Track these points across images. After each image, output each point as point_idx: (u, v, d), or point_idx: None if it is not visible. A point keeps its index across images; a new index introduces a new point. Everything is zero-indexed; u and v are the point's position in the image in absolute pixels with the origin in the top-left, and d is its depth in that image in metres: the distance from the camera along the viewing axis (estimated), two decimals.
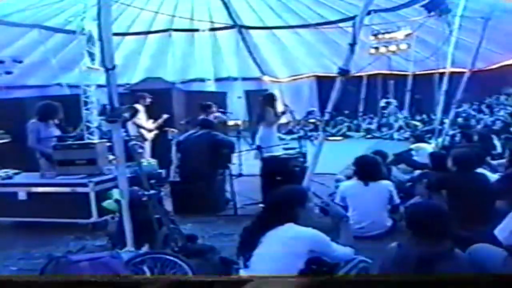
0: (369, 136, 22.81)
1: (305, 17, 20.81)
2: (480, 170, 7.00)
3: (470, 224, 5.85)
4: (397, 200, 7.10)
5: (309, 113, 23.59)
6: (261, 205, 9.58)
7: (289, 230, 4.44)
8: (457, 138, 12.48)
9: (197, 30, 22.23)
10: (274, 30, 22.45)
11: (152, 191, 5.83)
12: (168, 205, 8.53)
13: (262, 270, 4.31)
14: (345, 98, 16.85)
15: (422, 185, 7.56)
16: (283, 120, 13.19)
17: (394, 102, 23.93)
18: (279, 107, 11.82)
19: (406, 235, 4.24)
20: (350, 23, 14.32)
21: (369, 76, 24.77)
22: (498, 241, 4.42)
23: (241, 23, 22.13)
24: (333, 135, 21.56)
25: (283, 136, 12.78)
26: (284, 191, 4.95)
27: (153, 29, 21.97)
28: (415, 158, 10.10)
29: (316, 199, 5.38)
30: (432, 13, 15.17)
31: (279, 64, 25.25)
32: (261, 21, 21.70)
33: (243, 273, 4.49)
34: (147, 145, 11.86)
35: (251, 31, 22.51)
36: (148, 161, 9.57)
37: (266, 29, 22.26)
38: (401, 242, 4.27)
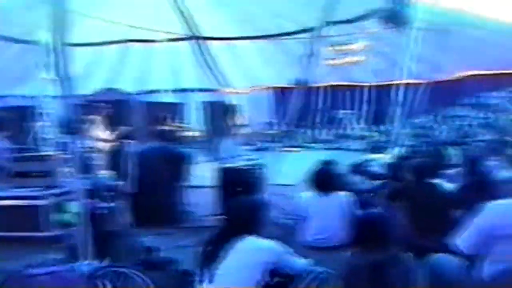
0: (326, 147, 22.91)
1: (264, 28, 20.89)
2: (437, 180, 7.11)
3: (428, 234, 5.94)
4: (356, 210, 7.13)
5: (267, 124, 23.71)
6: (220, 216, 9.61)
7: (248, 242, 4.47)
8: (414, 149, 12.62)
9: (154, 41, 22.15)
10: (233, 41, 22.46)
11: (110, 204, 5.81)
12: (127, 217, 8.48)
13: (225, 284, 4.33)
14: (303, 109, 16.91)
15: (381, 195, 7.65)
16: (242, 131, 13.23)
17: (351, 113, 24.15)
18: (238, 119, 11.86)
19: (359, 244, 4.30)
20: (308, 34, 14.42)
21: (327, 87, 24.93)
22: (457, 251, 4.49)
23: (199, 34, 22.09)
24: (291, 146, 21.58)
25: (242, 147, 12.78)
26: (244, 202, 4.98)
27: (111, 39, 21.80)
28: (372, 168, 10.19)
29: (276, 210, 5.41)
30: (390, 25, 15.34)
31: (238, 75, 25.22)
32: (219, 31, 21.70)
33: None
34: (104, 157, 11.78)
35: (209, 42, 22.48)
36: (105, 173, 9.51)
37: (224, 40, 22.27)
38: (353, 251, 4.33)
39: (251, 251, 4.43)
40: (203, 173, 11.00)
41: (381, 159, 10.86)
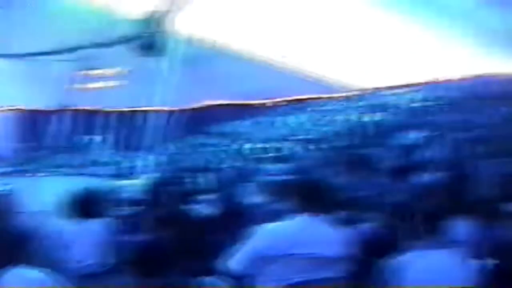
0: (77, 172, 22.48)
1: (18, 48, 20.20)
2: (191, 205, 7.38)
3: (193, 258, 6.17)
4: (119, 236, 7.14)
5: (17, 148, 22.74)
6: None
7: (14, 274, 4.31)
8: (166, 175, 12.88)
9: None
10: None
11: None
12: None
13: None
14: (55, 132, 16.61)
15: (139, 221, 7.74)
16: None
17: (100, 138, 24.01)
18: None
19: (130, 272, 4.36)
20: (63, 56, 14.22)
21: (79, 111, 24.55)
22: (227, 272, 4.77)
23: None
24: (41, 171, 20.91)
25: None
26: (7, 232, 4.83)
27: None
28: (125, 194, 10.25)
29: (35, 238, 5.30)
30: (145, 52, 15.66)
31: None
32: None
33: None
34: None
35: None
36: None
37: None
38: (125, 278, 4.39)
39: (18, 283, 4.29)
40: None
41: (133, 185, 10.96)
